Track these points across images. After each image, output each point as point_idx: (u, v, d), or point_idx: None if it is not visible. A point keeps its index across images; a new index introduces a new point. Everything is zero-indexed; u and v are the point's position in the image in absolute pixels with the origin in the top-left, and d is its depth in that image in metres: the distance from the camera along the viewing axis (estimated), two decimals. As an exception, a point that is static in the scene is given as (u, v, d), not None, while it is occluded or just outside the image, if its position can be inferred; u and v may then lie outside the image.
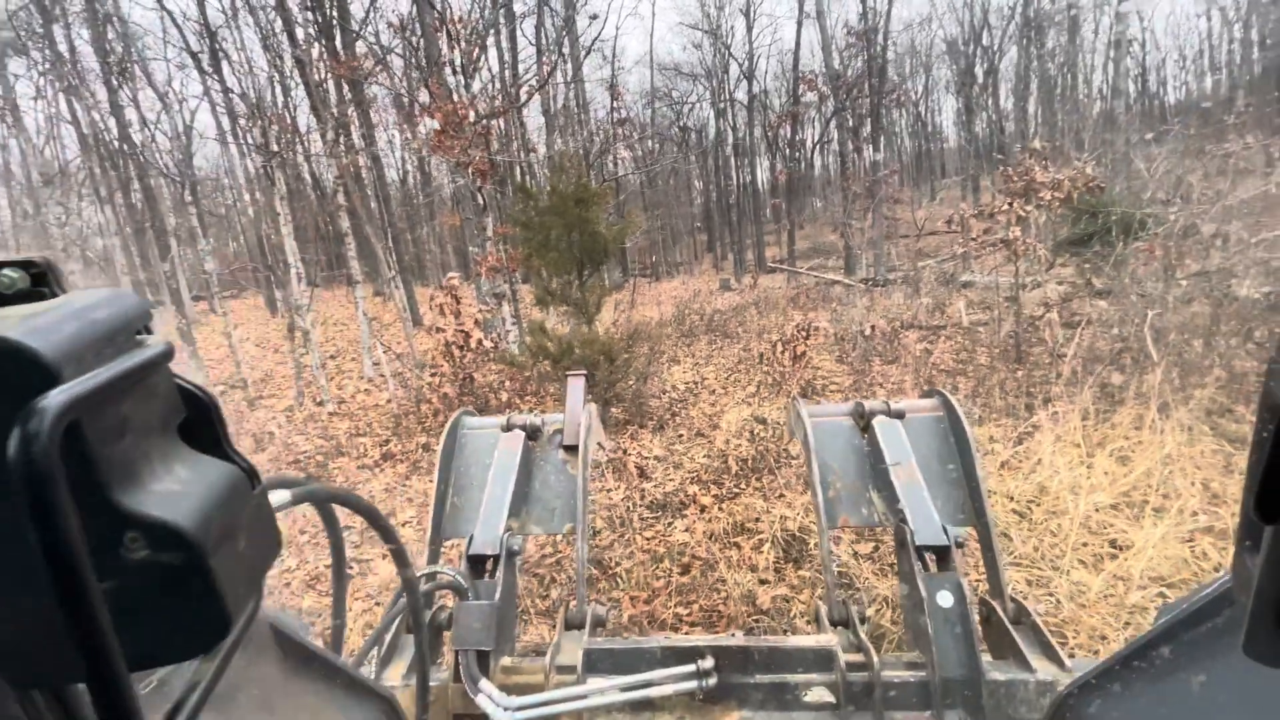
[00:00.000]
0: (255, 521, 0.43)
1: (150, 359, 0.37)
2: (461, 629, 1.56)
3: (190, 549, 0.35)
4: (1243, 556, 0.44)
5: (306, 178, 21.22)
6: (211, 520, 0.37)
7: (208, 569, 0.36)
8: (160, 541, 0.34)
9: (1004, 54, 27.25)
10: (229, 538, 0.39)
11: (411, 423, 7.81)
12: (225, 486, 0.41)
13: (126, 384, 0.35)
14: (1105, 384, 5.73)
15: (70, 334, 0.34)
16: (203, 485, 0.39)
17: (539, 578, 3.87)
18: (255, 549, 0.43)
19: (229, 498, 0.40)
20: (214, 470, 0.41)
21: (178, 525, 0.35)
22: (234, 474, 0.42)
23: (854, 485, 1.90)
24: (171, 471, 0.39)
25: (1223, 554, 3.27)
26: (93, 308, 0.37)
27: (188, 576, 0.35)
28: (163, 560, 0.35)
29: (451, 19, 8.32)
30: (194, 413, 0.43)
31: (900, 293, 12.37)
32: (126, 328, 0.39)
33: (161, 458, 0.39)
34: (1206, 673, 0.56)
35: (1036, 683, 1.43)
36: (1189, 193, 7.71)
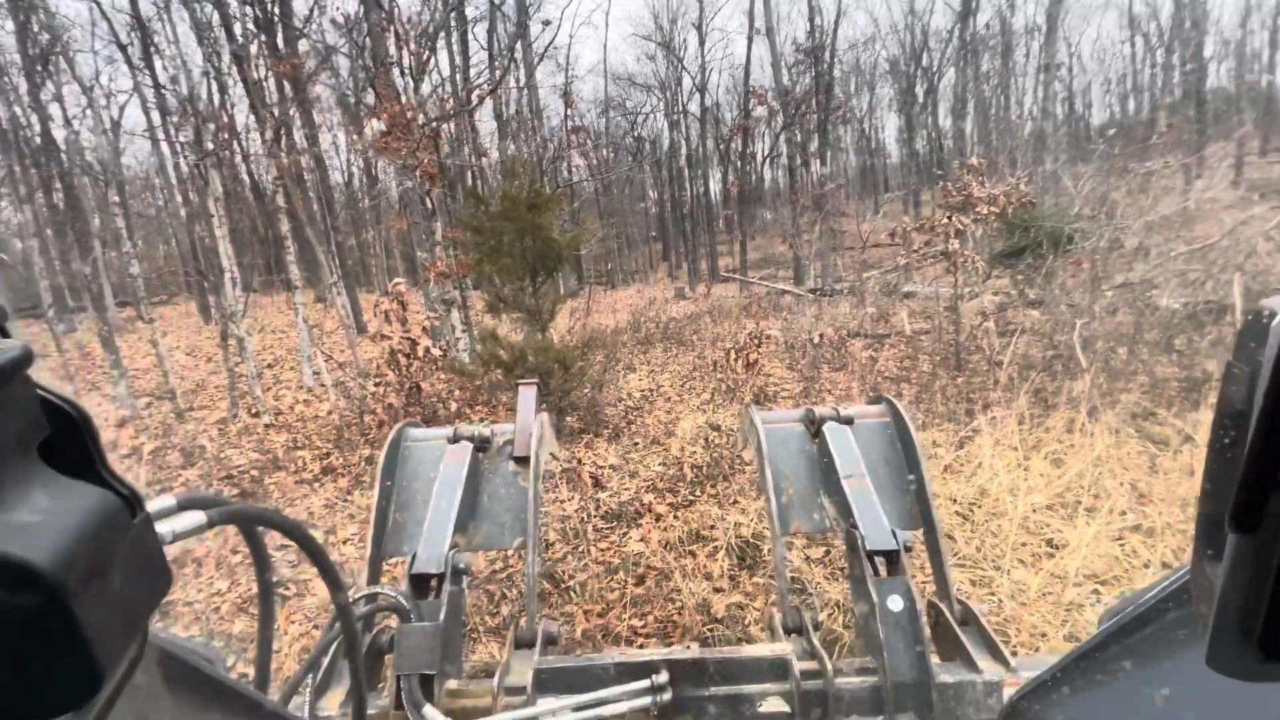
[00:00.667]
0: (135, 555, 0.37)
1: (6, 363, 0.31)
2: (403, 652, 1.48)
3: (48, 590, 0.29)
4: (1202, 566, 0.42)
5: (244, 178, 20.35)
6: (75, 556, 0.31)
7: (70, 613, 0.30)
8: (10, 582, 0.29)
9: (943, 75, 28.67)
10: (98, 576, 0.33)
11: (354, 434, 7.51)
12: (95, 515, 0.34)
13: None
14: (1039, 389, 6.00)
15: None
16: (66, 515, 0.33)
17: (489, 594, 3.75)
18: (136, 586, 0.36)
19: (99, 528, 0.34)
20: (82, 496, 0.35)
21: (30, 562, 0.29)
22: (107, 500, 0.36)
23: (806, 491, 1.90)
24: (28, 499, 0.32)
25: (1150, 551, 3.45)
26: None
27: (46, 623, 0.30)
28: (14, 603, 0.29)
29: (400, 19, 8.12)
30: (60, 429, 0.37)
31: (847, 302, 12.73)
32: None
33: (15, 483, 0.33)
34: (1161, 673, 0.55)
35: (984, 683, 1.44)
36: (1113, 209, 8.21)
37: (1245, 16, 27.85)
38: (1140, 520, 3.75)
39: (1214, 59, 29.40)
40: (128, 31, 11.30)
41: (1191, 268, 7.50)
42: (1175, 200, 8.85)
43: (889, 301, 11.57)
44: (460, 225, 8.22)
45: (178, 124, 9.20)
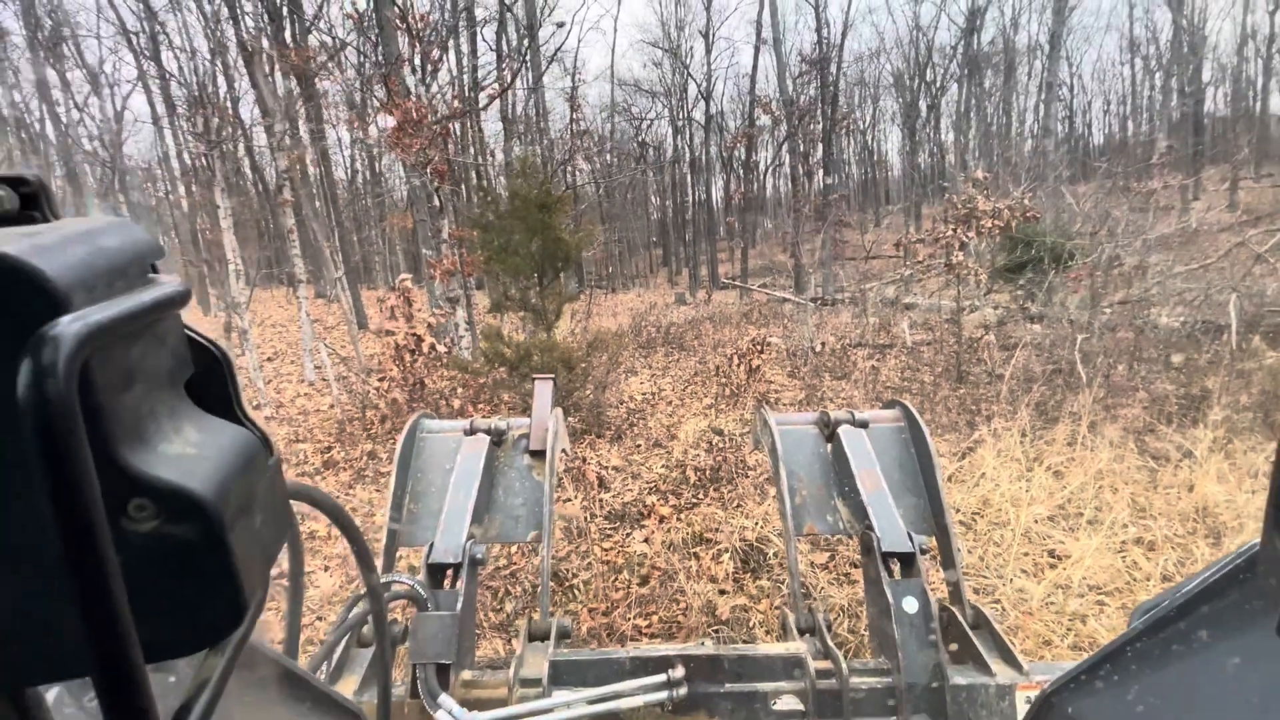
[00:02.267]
0: (270, 496, 0.38)
1: (167, 297, 0.32)
2: (420, 641, 1.48)
3: (207, 521, 0.30)
4: (1273, 539, 0.44)
5: (247, 172, 20.32)
6: (229, 490, 0.32)
7: (226, 545, 0.30)
8: (172, 511, 0.29)
9: (946, 90, 28.85)
10: (245, 512, 0.33)
11: (356, 429, 7.50)
12: (241, 453, 0.35)
13: (140, 324, 0.30)
14: (1041, 403, 6.04)
15: (79, 259, 0.28)
16: (216, 450, 0.34)
17: (493, 590, 3.75)
18: (269, 526, 0.37)
19: (245, 467, 0.35)
20: (228, 434, 0.36)
21: (194, 492, 0.30)
22: (249, 440, 0.37)
23: (819, 493, 1.91)
24: (181, 432, 0.33)
25: (1151, 564, 3.47)
26: (100, 234, 0.32)
27: (201, 554, 0.30)
28: (174, 533, 0.29)
29: (413, 16, 8.15)
30: (203, 369, 0.38)
31: (848, 312, 12.77)
32: (138, 261, 0.33)
33: (170, 415, 0.33)
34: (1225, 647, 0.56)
35: (996, 686, 1.46)
36: (1114, 227, 8.28)
37: (1241, 44, 28.18)
38: (1141, 534, 3.78)
39: (1211, 84, 29.76)
40: (136, 19, 11.31)
41: (1189, 287, 7.57)
42: (1173, 220, 8.94)
43: (890, 312, 11.62)
44: (468, 223, 8.24)
45: (187, 114, 9.20)
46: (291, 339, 14.75)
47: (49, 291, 0.26)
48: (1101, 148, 31.96)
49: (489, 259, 6.59)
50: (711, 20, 23.40)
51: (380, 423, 7.34)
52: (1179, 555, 3.59)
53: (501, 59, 16.86)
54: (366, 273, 24.88)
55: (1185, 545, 3.69)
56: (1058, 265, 8.33)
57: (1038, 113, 26.23)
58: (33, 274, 0.26)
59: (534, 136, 17.79)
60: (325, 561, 4.29)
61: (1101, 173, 11.22)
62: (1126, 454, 4.77)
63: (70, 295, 0.26)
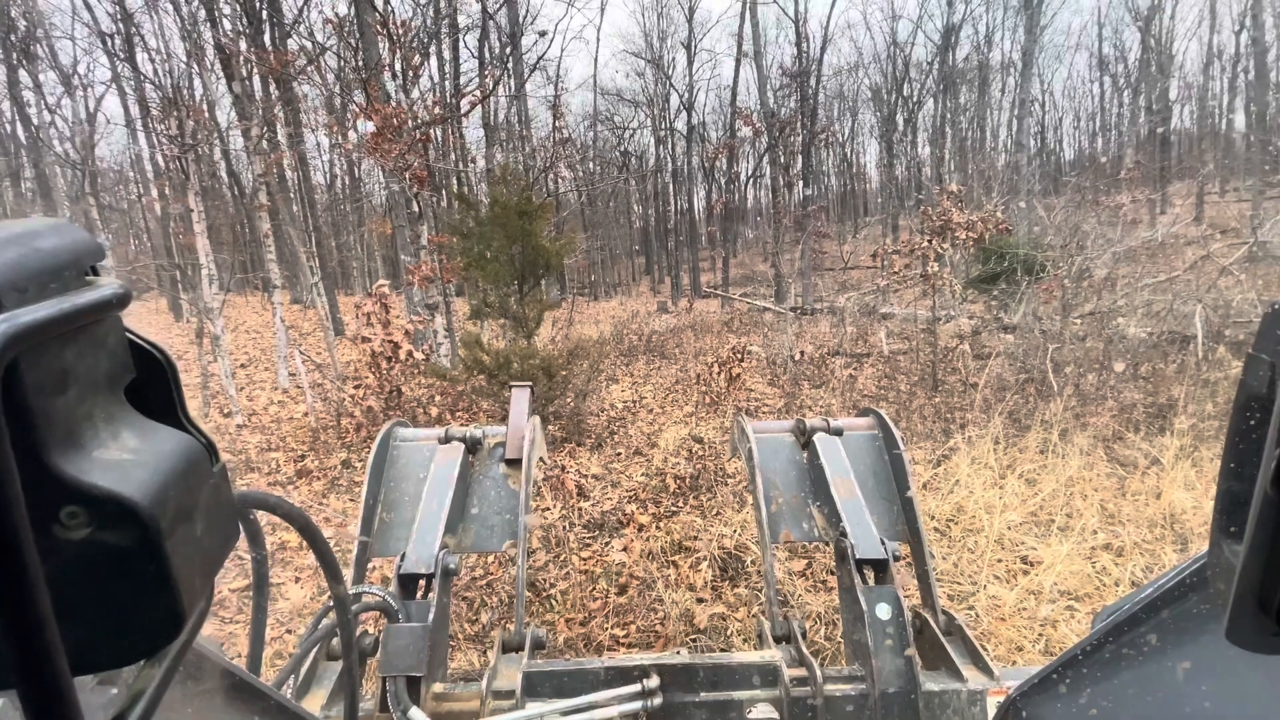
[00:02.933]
0: (213, 504, 0.37)
1: (102, 299, 0.31)
2: (391, 653, 1.45)
3: (142, 528, 0.29)
4: (1220, 545, 0.45)
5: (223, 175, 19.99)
6: (167, 496, 0.31)
7: (162, 553, 0.30)
8: (106, 518, 0.29)
9: (922, 105, 29.47)
10: (185, 519, 0.33)
11: (330, 437, 7.38)
12: (181, 459, 0.34)
13: (73, 326, 0.29)
14: (1013, 411, 6.16)
15: (11, 260, 0.28)
16: (155, 456, 0.33)
17: (468, 601, 3.70)
18: (212, 535, 0.36)
19: (186, 472, 0.34)
20: (169, 440, 0.35)
21: (128, 498, 0.29)
22: (191, 446, 0.36)
23: (795, 500, 1.92)
24: (118, 438, 0.32)
25: (1120, 569, 3.54)
26: (35, 236, 0.31)
27: (137, 562, 0.29)
28: (108, 541, 0.29)
29: (394, 22, 8.11)
30: (145, 374, 0.37)
31: (827, 321, 12.91)
32: (75, 263, 0.32)
33: (107, 420, 0.33)
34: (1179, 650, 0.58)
35: (968, 692, 1.47)
36: (1083, 240, 8.50)
37: (1207, 64, 29.23)
38: (1110, 540, 3.85)
39: (1178, 102, 30.81)
40: (111, 20, 11.11)
41: (1157, 298, 7.79)
42: (1141, 234, 9.20)
43: (868, 321, 11.78)
44: (448, 230, 8.18)
45: (161, 116, 9.03)
46: (265, 345, 14.49)
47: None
48: (1072, 162, 32.85)
49: (469, 265, 6.54)
50: (693, 32, 23.67)
51: (355, 431, 7.22)
52: (1147, 561, 3.67)
53: (484, 66, 16.85)
54: (344, 278, 24.57)
55: (1153, 551, 3.77)
56: (1030, 276, 8.52)
57: (1011, 128, 26.93)
58: None
59: (516, 144, 17.78)
60: (296, 572, 4.20)
61: (1072, 187, 11.52)
62: (1096, 461, 4.87)
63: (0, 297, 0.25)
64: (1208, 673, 0.53)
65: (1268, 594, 0.38)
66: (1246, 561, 0.39)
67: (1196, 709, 0.52)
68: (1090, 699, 0.73)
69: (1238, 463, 0.42)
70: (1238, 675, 0.53)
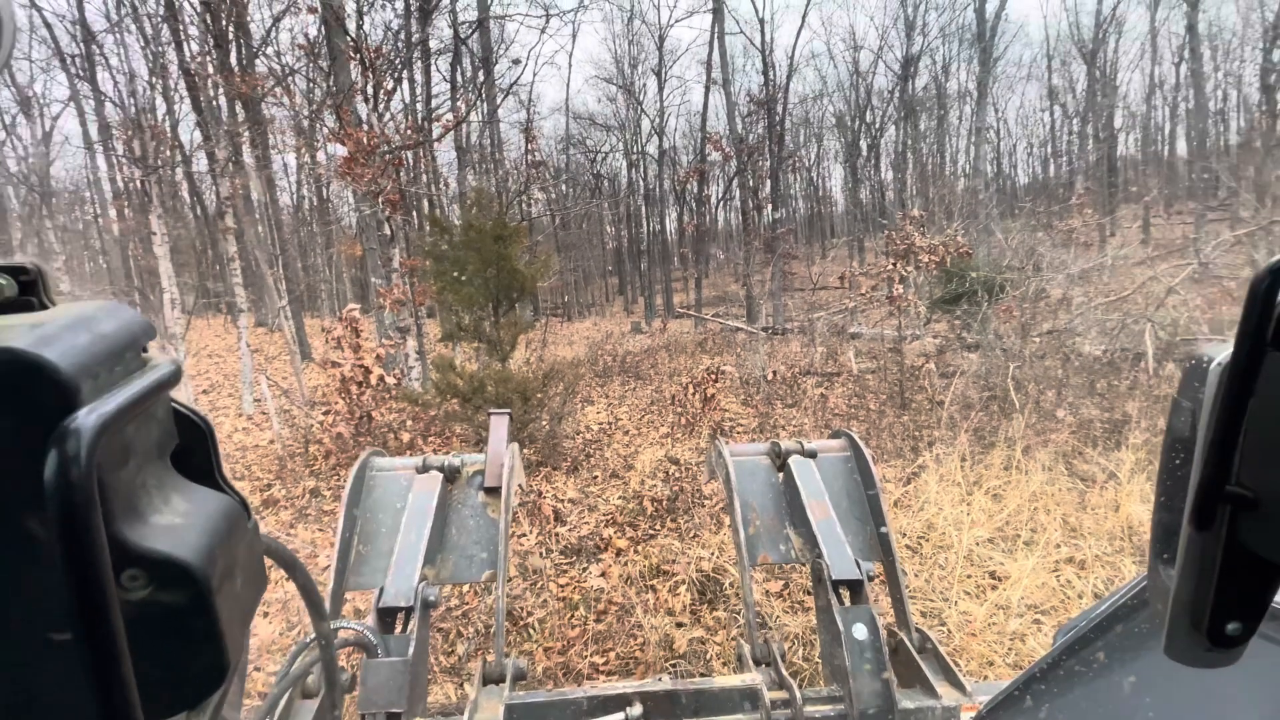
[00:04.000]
0: (249, 558, 0.39)
1: (163, 379, 0.34)
2: (370, 690, 1.44)
3: (195, 587, 0.32)
4: (1157, 570, 0.50)
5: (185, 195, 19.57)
6: (216, 556, 0.34)
7: (212, 609, 0.32)
8: (164, 579, 0.31)
9: (884, 131, 30.48)
10: (229, 576, 0.35)
11: (298, 465, 7.19)
12: (225, 520, 0.37)
13: (139, 409, 0.32)
14: (979, 428, 6.34)
15: (83, 348, 0.30)
16: (202, 518, 0.36)
17: (444, 632, 3.63)
18: (249, 586, 0.39)
19: (229, 532, 0.37)
20: (211, 502, 0.38)
21: (183, 560, 0.31)
22: (231, 506, 0.39)
23: (772, 523, 1.95)
24: (169, 502, 0.35)
25: (1082, 582, 3.66)
26: (96, 320, 0.34)
27: (189, 618, 0.32)
28: (164, 600, 0.31)
29: (366, 46, 8.13)
30: (187, 439, 0.39)
31: (798, 341, 13.14)
32: (133, 344, 0.35)
33: (158, 487, 0.35)
34: (1127, 665, 0.62)
35: (943, 709, 1.51)
36: (1039, 261, 8.85)
37: (1149, 94, 30.97)
38: (1073, 553, 3.98)
39: (1123, 130, 32.49)
40: (71, 39, 10.88)
41: (1109, 317, 8.14)
42: (1093, 256, 9.63)
43: (837, 341, 12.02)
44: (420, 252, 8.13)
45: (128, 137, 8.85)
46: (230, 370, 14.10)
47: (61, 383, 0.28)
48: (1026, 187, 34.25)
49: (443, 289, 6.52)
50: (664, 60, 24.18)
51: (324, 458, 7.06)
52: (1108, 573, 3.80)
53: (455, 90, 16.93)
54: (311, 301, 24.13)
55: (1113, 563, 3.91)
56: (990, 297, 8.82)
57: (969, 154, 27.97)
58: (44, 367, 0.28)
59: (489, 167, 17.83)
60: (263, 607, 4.07)
61: (1027, 211, 12.03)
62: (1057, 476, 5.03)
63: (79, 384, 0.28)
64: (1150, 685, 0.58)
65: (1198, 614, 0.43)
66: (1179, 586, 0.44)
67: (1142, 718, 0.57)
68: (1050, 713, 0.78)
69: (1167, 497, 0.47)
70: (1176, 687, 0.58)
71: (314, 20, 10.14)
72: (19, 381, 0.27)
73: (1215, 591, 0.42)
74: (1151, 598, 0.51)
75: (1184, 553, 0.44)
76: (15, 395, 0.27)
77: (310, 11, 9.36)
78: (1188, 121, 28.50)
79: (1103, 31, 27.01)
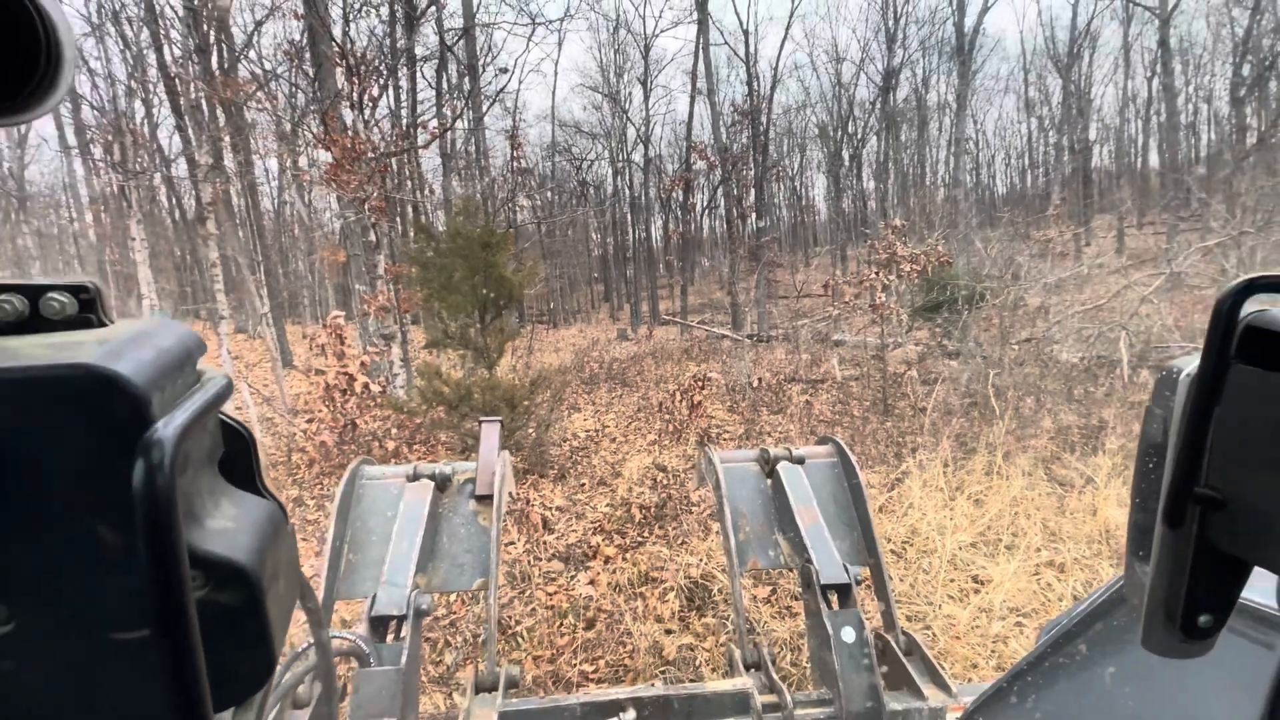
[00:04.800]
0: (288, 562, 0.41)
1: (220, 392, 0.37)
2: (363, 698, 1.44)
3: (249, 587, 0.34)
4: (1134, 566, 0.54)
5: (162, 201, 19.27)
6: (264, 558, 0.36)
7: (263, 609, 0.34)
8: (220, 580, 0.33)
9: (866, 142, 30.90)
10: (275, 577, 0.37)
11: (281, 474, 7.10)
12: (269, 523, 0.39)
13: (205, 420, 0.33)
14: (960, 434, 6.44)
15: (149, 362, 0.32)
16: (249, 522, 0.38)
17: (431, 642, 3.60)
18: (289, 587, 0.41)
19: (274, 535, 0.39)
20: (257, 507, 0.40)
21: (239, 562, 0.34)
22: (273, 511, 0.41)
23: (761, 528, 1.98)
24: (220, 508, 0.37)
25: (1062, 584, 3.73)
26: (156, 335, 0.36)
27: (243, 618, 0.34)
28: (219, 600, 0.33)
29: (352, 52, 8.10)
30: (230, 447, 0.42)
31: (782, 349, 13.24)
32: (189, 358, 0.37)
33: (210, 493, 0.37)
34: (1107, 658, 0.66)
35: (929, 710, 1.54)
36: (1018, 271, 9.03)
37: (1123, 107, 31.79)
38: (1053, 556, 4.06)
39: (1098, 142, 33.30)
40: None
41: (1085, 326, 8.33)
42: (1069, 265, 9.84)
43: (821, 349, 12.14)
44: (405, 259, 8.09)
45: (108, 142, 8.72)
46: (209, 377, 13.83)
47: (134, 396, 0.30)
48: (1004, 197, 34.94)
49: (429, 296, 6.49)
50: (649, 69, 24.33)
51: (308, 467, 6.98)
52: (1087, 575, 3.88)
53: (441, 97, 16.91)
54: (293, 308, 23.85)
55: (1092, 566, 3.99)
56: (970, 305, 8.98)
57: (949, 164, 28.52)
58: (118, 380, 0.29)
59: (474, 173, 17.80)
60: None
61: (1005, 221, 12.27)
62: (1037, 481, 5.13)
63: (150, 396, 0.30)
64: (1130, 676, 0.61)
65: (1172, 608, 0.46)
66: (1154, 581, 0.48)
67: (1122, 707, 0.60)
68: (1036, 705, 0.81)
69: (1142, 499, 0.50)
70: (1153, 677, 0.62)
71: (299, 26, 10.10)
72: (95, 395, 0.29)
73: (1188, 587, 0.45)
74: (1129, 593, 0.54)
75: (1158, 550, 0.47)
76: (92, 408, 0.29)
77: (295, 17, 9.31)
78: (1160, 134, 29.27)
79: (1077, 46, 27.71)
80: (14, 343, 0.32)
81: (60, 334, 0.35)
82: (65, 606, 0.30)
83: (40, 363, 0.29)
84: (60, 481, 0.29)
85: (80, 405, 0.29)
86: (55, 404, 0.29)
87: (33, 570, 0.30)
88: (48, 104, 0.34)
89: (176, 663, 0.28)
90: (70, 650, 0.31)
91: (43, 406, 0.29)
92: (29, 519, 0.29)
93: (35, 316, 0.36)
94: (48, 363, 0.29)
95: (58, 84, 0.34)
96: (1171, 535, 0.44)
